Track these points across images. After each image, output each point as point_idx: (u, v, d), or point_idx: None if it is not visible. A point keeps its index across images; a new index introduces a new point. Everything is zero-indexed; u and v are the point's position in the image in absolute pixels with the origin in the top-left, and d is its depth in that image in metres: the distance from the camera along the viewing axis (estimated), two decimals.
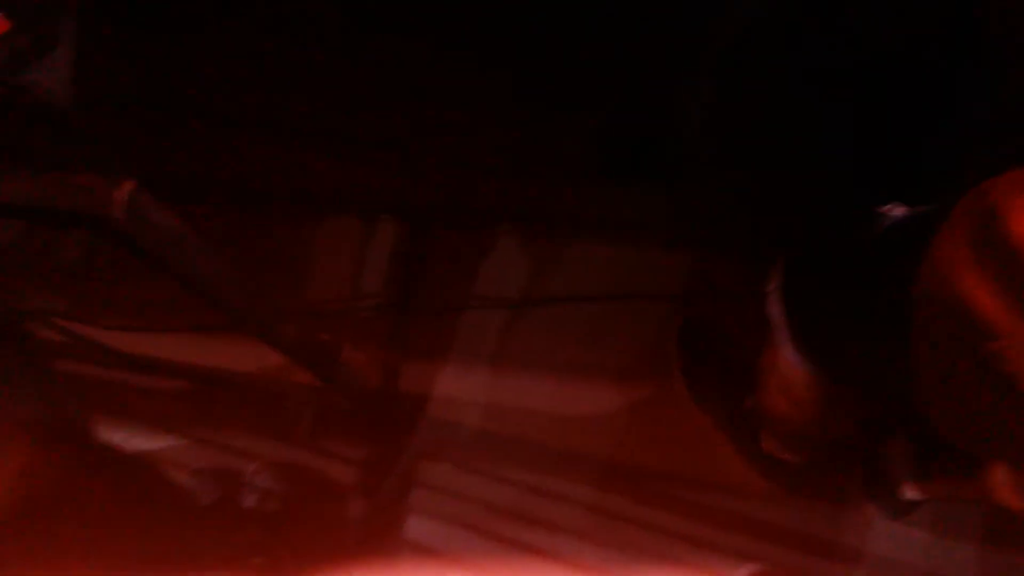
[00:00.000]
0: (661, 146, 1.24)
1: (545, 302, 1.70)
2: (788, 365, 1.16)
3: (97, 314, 1.32)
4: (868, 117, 1.07)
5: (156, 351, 1.56)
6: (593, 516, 1.60)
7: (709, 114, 1.12)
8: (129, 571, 1.07)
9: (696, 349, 1.57)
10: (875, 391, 1.20)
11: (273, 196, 1.83)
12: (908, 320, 0.86)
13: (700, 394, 1.56)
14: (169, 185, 0.93)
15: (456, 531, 1.64)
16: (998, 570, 1.45)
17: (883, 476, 1.43)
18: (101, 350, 1.27)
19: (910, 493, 1.41)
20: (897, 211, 0.95)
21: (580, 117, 1.18)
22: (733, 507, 1.56)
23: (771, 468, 1.50)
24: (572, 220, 1.68)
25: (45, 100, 0.95)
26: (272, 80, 1.16)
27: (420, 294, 1.77)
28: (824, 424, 1.30)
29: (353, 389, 1.54)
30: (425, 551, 1.65)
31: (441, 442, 1.70)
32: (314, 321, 1.23)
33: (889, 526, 1.48)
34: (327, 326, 1.28)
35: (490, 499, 1.65)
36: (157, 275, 0.96)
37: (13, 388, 0.98)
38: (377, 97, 1.17)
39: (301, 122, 1.27)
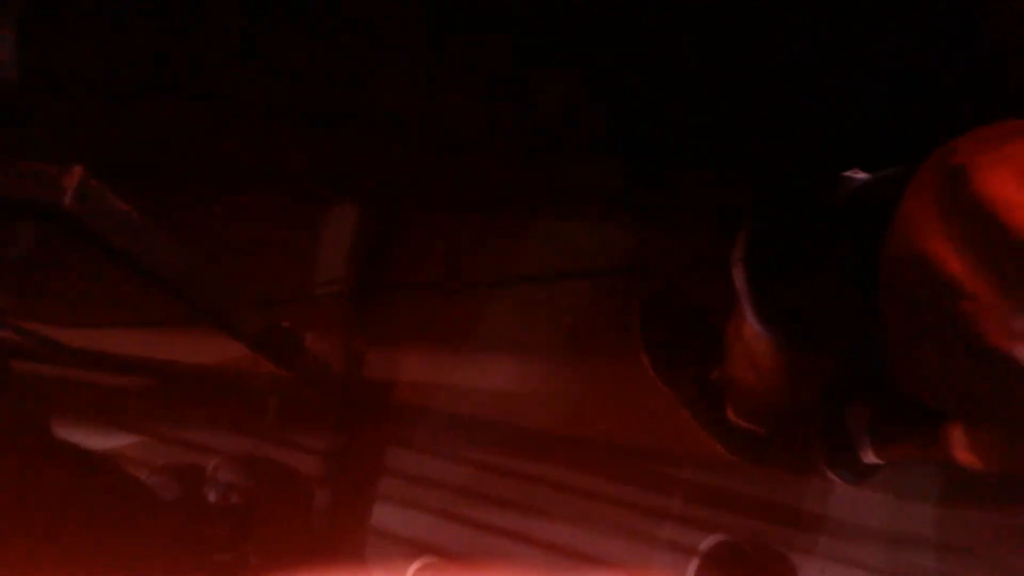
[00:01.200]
0: (624, 121, 1.24)
1: (509, 282, 1.69)
2: (753, 335, 1.17)
3: (50, 311, 1.28)
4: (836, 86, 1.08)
5: (112, 347, 1.53)
6: (561, 494, 1.61)
7: (680, 87, 1.12)
8: (90, 570, 1.05)
9: (660, 322, 1.58)
10: (837, 357, 1.21)
11: (229, 180, 1.78)
12: (872, 284, 0.87)
13: (664, 367, 1.57)
14: (117, 171, 0.90)
15: (424, 516, 1.64)
16: (957, 528, 1.48)
17: (843, 443, 1.46)
18: (56, 347, 1.23)
19: (870, 458, 1.44)
20: (860, 176, 0.96)
21: (543, 96, 1.18)
22: (697, 479, 1.57)
23: (736, 439, 1.52)
24: (533, 198, 1.67)
25: None
26: (226, 59, 1.13)
27: (382, 278, 1.75)
28: (789, 393, 1.31)
29: (317, 378, 1.52)
30: (392, 538, 1.64)
31: (407, 427, 1.68)
32: (274, 309, 1.20)
33: (851, 491, 1.51)
34: (287, 314, 1.26)
35: (457, 482, 1.64)
36: (110, 268, 0.94)
37: None
38: (338, 78, 1.15)
39: (256, 102, 1.24)
